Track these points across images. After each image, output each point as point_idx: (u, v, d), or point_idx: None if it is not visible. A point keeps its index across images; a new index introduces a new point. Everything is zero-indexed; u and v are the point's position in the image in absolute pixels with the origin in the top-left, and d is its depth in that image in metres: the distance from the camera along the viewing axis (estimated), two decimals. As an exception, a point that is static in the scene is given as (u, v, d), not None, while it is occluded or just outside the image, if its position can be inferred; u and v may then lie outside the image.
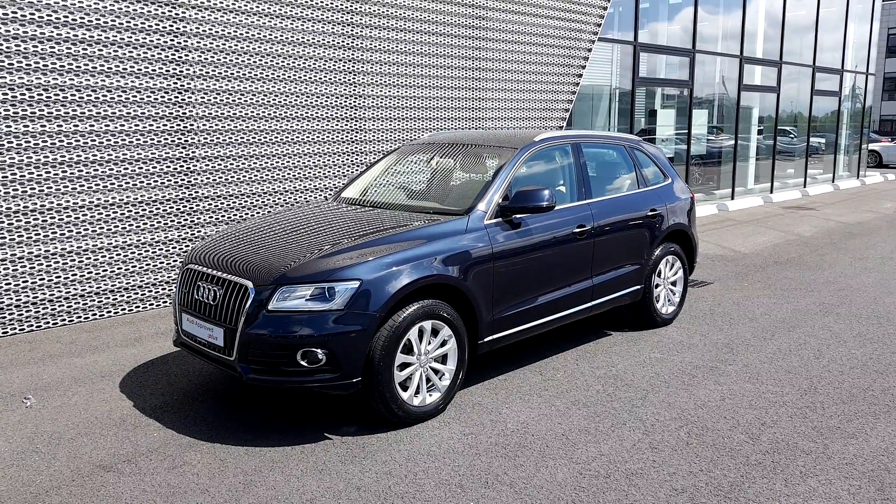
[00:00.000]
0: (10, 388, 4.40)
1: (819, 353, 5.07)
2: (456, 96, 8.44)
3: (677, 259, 5.81)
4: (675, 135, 13.01)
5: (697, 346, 5.23)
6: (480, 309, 4.15)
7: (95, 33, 5.60)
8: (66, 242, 5.66)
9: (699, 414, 4.01)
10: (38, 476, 3.32)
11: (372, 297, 3.62)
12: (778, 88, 15.23)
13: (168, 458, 3.50)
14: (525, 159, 4.74)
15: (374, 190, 5.22)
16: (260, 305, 3.60)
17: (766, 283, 7.24)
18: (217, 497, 3.14)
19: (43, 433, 3.76)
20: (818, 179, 17.90)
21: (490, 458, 3.49)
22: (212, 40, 6.27)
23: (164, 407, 4.11)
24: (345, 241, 3.94)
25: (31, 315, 5.54)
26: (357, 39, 7.34)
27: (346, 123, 7.41)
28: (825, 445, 3.63)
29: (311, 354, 3.54)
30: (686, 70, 12.65)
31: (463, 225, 4.18)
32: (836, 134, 18.38)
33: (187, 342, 4.04)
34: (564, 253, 4.73)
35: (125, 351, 5.09)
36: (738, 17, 13.72)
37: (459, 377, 4.08)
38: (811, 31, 16.11)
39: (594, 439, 3.70)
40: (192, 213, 6.37)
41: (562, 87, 9.80)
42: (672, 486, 3.24)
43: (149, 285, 6.18)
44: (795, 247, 9.35)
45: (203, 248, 4.26)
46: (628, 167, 5.66)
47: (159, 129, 6.06)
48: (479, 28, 8.58)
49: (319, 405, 4.14)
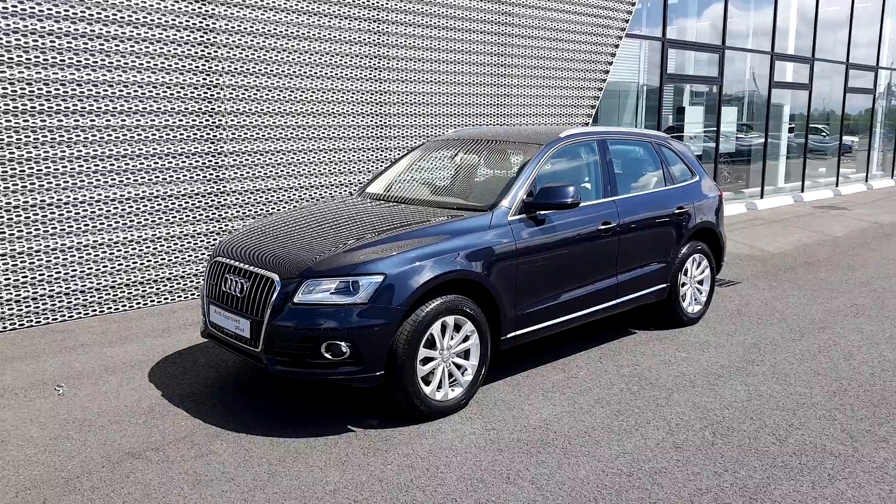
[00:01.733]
0: (43, 376, 4.51)
1: (849, 354, 4.98)
2: (481, 92, 8.43)
3: (704, 258, 5.74)
4: (704, 132, 12.84)
5: (724, 345, 5.17)
6: (503, 305, 4.15)
7: (128, 30, 5.70)
8: (97, 235, 5.78)
9: (725, 414, 3.97)
10: (69, 461, 3.41)
11: (396, 291, 3.64)
12: (810, 85, 14.93)
13: (195, 446, 3.56)
14: (550, 156, 4.72)
15: (398, 185, 5.24)
16: (286, 298, 3.64)
17: (795, 283, 7.12)
18: (242, 486, 3.19)
19: (74, 420, 3.85)
20: (851, 179, 17.53)
21: (512, 454, 3.49)
22: (240, 37, 6.34)
23: (192, 397, 4.18)
24: (369, 236, 3.97)
25: (63, 305, 5.67)
26: (383, 36, 7.37)
27: (372, 119, 7.45)
28: (855, 448, 3.57)
29: (335, 347, 3.57)
30: (715, 67, 12.47)
31: (487, 221, 4.18)
32: (869, 132, 17.97)
33: (215, 333, 4.10)
34: (589, 250, 4.70)
35: (154, 341, 5.19)
36: (769, 13, 13.47)
37: (482, 373, 4.09)
38: (845, 27, 15.76)
39: (617, 437, 3.68)
40: (220, 206, 6.46)
41: (588, 84, 9.72)
42: (696, 485, 3.21)
43: (177, 277, 6.28)
44: (826, 247, 9.18)
45: (231, 241, 4.32)
46: (655, 164, 5.60)
47: (189, 125, 6.15)
48: (505, 24, 8.55)
49: (343, 398, 4.18)
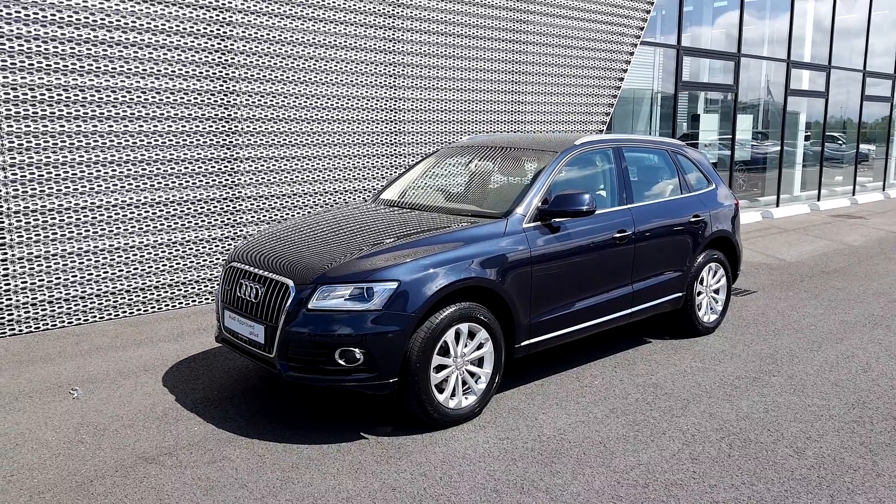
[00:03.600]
0: (58, 379, 4.53)
1: (867, 366, 4.90)
2: (496, 99, 8.42)
3: (720, 266, 5.69)
4: (719, 140, 12.76)
5: (740, 355, 5.11)
6: (517, 312, 4.12)
7: (146, 36, 5.75)
8: (113, 239, 5.82)
9: (741, 426, 3.92)
10: (83, 465, 3.42)
11: (410, 298, 3.63)
12: (826, 93, 14.81)
13: (208, 452, 3.56)
14: (565, 163, 4.70)
15: (413, 192, 5.24)
16: (300, 304, 3.64)
17: (812, 292, 7.04)
18: (255, 492, 3.19)
19: (89, 424, 3.87)
20: (867, 187, 17.35)
21: (526, 464, 3.46)
22: (257, 44, 6.38)
23: (205, 402, 4.19)
24: (384, 243, 3.96)
25: (79, 309, 5.71)
26: (398, 43, 7.39)
27: (387, 126, 7.46)
28: (874, 462, 3.51)
29: (348, 353, 3.57)
30: (730, 74, 12.40)
31: (501, 228, 4.16)
32: (887, 141, 17.79)
33: (229, 338, 4.11)
34: (604, 258, 4.67)
35: (168, 346, 5.21)
36: (784, 21, 13.39)
37: (496, 381, 4.06)
38: (862, 35, 15.64)
39: (633, 448, 3.64)
40: (235, 212, 6.49)
41: (603, 91, 9.70)
42: (713, 497, 3.17)
43: (192, 282, 6.31)
44: (843, 256, 9.07)
45: (246, 246, 4.33)
46: (671, 172, 5.57)
47: (205, 130, 6.20)
48: (520, 31, 8.55)
49: (356, 405, 4.17)
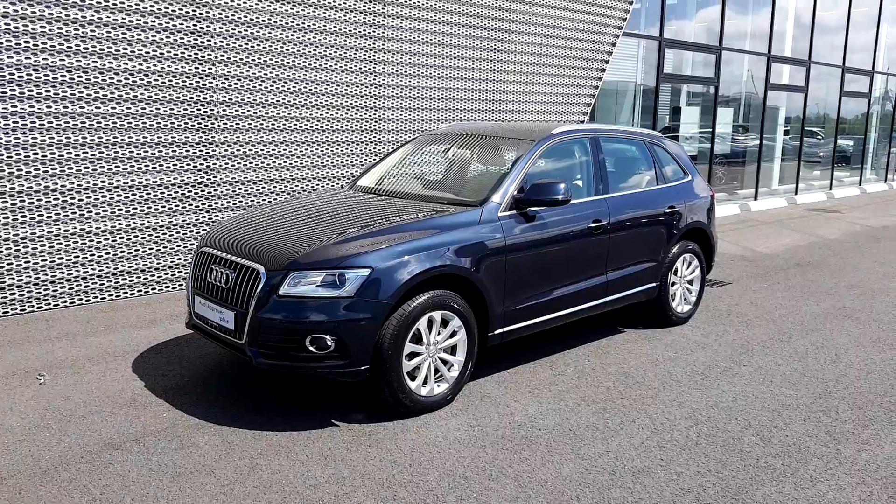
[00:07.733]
0: (25, 364, 4.46)
1: (836, 356, 4.98)
2: (476, 88, 8.39)
3: (695, 257, 5.73)
4: (700, 133, 12.84)
5: (712, 345, 5.16)
6: (491, 301, 4.12)
7: (119, 16, 5.64)
8: (84, 223, 5.73)
9: (710, 414, 3.96)
10: (47, 452, 3.37)
11: (382, 285, 3.61)
12: (806, 88, 14.95)
13: (176, 438, 3.53)
14: (542, 152, 4.69)
15: (389, 179, 5.21)
16: (271, 290, 3.61)
17: (785, 284, 7.13)
18: (222, 479, 3.16)
19: (55, 410, 3.81)
20: (845, 182, 17.57)
21: (496, 451, 3.47)
22: (234, 26, 6.29)
23: (175, 388, 4.15)
24: (358, 229, 3.94)
25: (48, 294, 5.62)
26: (378, 29, 7.33)
27: (365, 112, 7.41)
28: (837, 450, 3.56)
29: (320, 340, 3.55)
30: (712, 68, 12.47)
31: (477, 216, 4.15)
32: (864, 136, 18.02)
33: (199, 325, 4.07)
34: (579, 248, 4.68)
35: (139, 332, 5.15)
36: (766, 16, 13.48)
37: (468, 369, 4.06)
38: (841, 31, 15.78)
39: (602, 436, 3.66)
40: (210, 197, 6.41)
41: (585, 82, 9.70)
42: (678, 485, 3.20)
43: (165, 268, 6.24)
44: (818, 249, 9.19)
45: (217, 231, 4.28)
46: (647, 163, 5.59)
47: (179, 114, 6.10)
48: (502, 20, 8.51)
49: (328, 392, 4.15)
